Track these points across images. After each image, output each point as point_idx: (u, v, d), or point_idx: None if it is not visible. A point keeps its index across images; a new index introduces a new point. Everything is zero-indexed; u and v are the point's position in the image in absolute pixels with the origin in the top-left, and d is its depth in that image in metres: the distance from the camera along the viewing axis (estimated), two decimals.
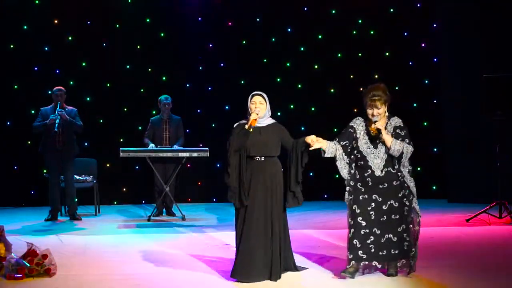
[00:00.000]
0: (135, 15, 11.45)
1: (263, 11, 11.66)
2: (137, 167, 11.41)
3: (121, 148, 9.66)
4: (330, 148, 5.97)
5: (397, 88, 11.78)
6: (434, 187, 11.82)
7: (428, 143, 11.75)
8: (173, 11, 11.49)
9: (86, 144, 11.20)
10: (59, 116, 9.42)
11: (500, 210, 9.17)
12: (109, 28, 11.41)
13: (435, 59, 11.67)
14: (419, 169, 11.81)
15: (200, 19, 11.59)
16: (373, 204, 5.93)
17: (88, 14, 11.34)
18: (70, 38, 11.36)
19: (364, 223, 5.92)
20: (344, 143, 6.00)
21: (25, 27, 11.25)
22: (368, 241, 5.91)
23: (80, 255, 7.25)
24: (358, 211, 5.93)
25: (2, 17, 11.12)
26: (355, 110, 10.51)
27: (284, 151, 6.06)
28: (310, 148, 5.90)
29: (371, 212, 5.93)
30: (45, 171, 10.57)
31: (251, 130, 5.84)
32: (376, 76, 11.68)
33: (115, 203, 11.51)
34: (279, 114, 11.29)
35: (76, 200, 10.00)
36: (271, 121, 6.06)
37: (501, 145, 9.28)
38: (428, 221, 9.44)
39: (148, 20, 11.55)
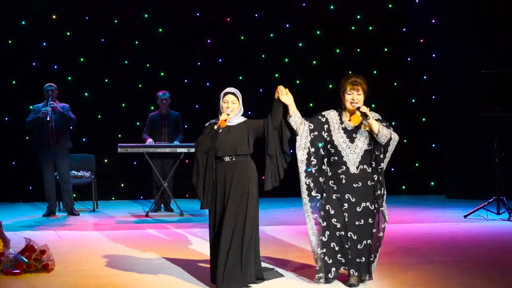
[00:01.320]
0: (133, 10, 11.43)
1: (262, 7, 11.64)
2: (135, 163, 11.40)
3: (119, 144, 9.65)
4: (296, 116, 5.58)
5: (395, 84, 11.82)
6: (432, 183, 11.83)
7: (426, 139, 11.77)
8: (171, 7, 11.47)
9: (84, 139, 11.20)
10: (51, 108, 9.39)
11: (498, 206, 9.17)
12: (107, 24, 11.39)
13: (433, 55, 11.67)
14: (417, 165, 11.85)
15: (198, 14, 11.57)
16: (346, 205, 5.56)
17: (86, 10, 11.32)
18: (68, 33, 11.35)
19: (339, 225, 5.56)
20: (309, 124, 5.62)
21: (23, 22, 11.23)
22: (346, 246, 5.56)
23: (78, 250, 7.24)
24: (332, 212, 5.56)
25: (0, 13, 11.10)
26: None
27: (260, 146, 5.74)
28: (280, 97, 5.55)
29: (345, 214, 5.55)
30: None
31: (220, 131, 5.56)
32: (375, 72, 11.70)
33: (113, 198, 11.51)
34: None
35: (74, 195, 9.99)
36: (242, 119, 5.76)
37: (499, 141, 9.28)
38: (426, 216, 9.46)
39: (146, 15, 11.53)
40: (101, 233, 8.38)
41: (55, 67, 11.29)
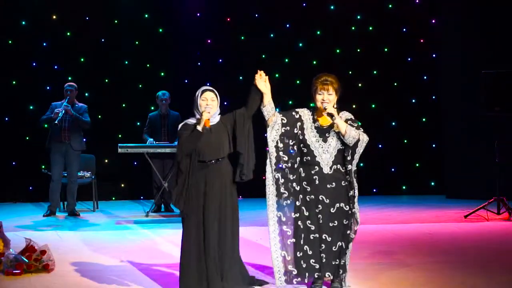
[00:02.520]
0: (134, 10, 11.43)
1: (262, 7, 11.64)
2: (135, 163, 11.40)
3: (119, 144, 9.65)
4: (270, 106, 5.45)
5: (395, 84, 11.82)
6: (433, 183, 11.82)
7: (426, 139, 11.76)
8: (172, 7, 11.47)
9: (84, 139, 11.18)
10: (63, 110, 9.44)
11: (498, 206, 9.16)
12: (108, 24, 11.39)
13: (434, 55, 11.67)
14: (417, 165, 11.85)
15: (198, 14, 11.57)
16: (320, 206, 5.40)
17: (87, 10, 11.31)
18: (68, 33, 11.34)
19: (313, 228, 5.41)
20: (282, 118, 5.49)
21: (23, 22, 11.22)
22: (320, 249, 5.40)
23: (78, 251, 7.25)
24: (306, 214, 5.42)
25: (0, 13, 11.09)
26: (354, 106, 10.52)
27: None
28: (257, 82, 5.39)
29: (319, 216, 5.40)
30: (43, 166, 10.58)
31: (204, 131, 5.35)
32: (375, 72, 11.70)
33: (113, 199, 11.50)
34: (277, 110, 11.29)
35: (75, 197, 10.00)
36: (219, 117, 5.55)
37: (499, 141, 9.28)
38: (426, 217, 9.46)
39: (146, 15, 11.53)
40: (101, 233, 8.38)
41: (56, 67, 11.29)
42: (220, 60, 11.65)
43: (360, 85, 11.58)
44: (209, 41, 11.63)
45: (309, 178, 5.46)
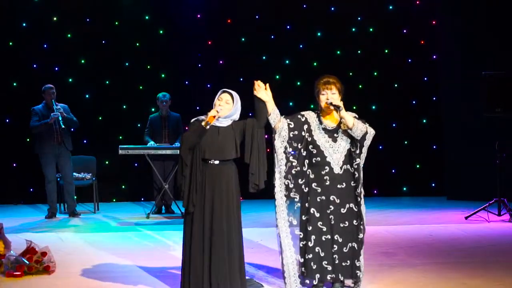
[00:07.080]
0: (134, 12, 11.43)
1: (262, 8, 11.64)
2: (136, 165, 11.40)
3: (120, 146, 9.65)
4: (275, 113, 5.42)
5: (396, 85, 11.82)
6: (433, 184, 11.81)
7: (427, 140, 11.76)
8: (172, 8, 11.48)
9: (85, 141, 11.20)
10: (59, 114, 9.44)
11: (499, 208, 9.17)
12: (108, 25, 11.39)
13: (434, 56, 11.67)
14: (418, 166, 11.85)
15: (199, 16, 11.58)
16: (331, 207, 5.39)
17: (87, 11, 11.32)
18: (69, 35, 11.34)
19: (325, 229, 5.39)
20: (289, 122, 5.48)
21: (24, 24, 11.23)
22: (333, 250, 5.38)
23: (79, 252, 7.25)
24: (317, 215, 5.40)
25: (1, 14, 11.10)
26: (354, 107, 10.52)
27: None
28: (255, 93, 5.40)
29: (330, 216, 5.39)
30: None
31: (207, 127, 5.31)
32: (376, 73, 11.70)
33: (114, 200, 11.50)
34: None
35: (75, 197, 9.99)
36: (231, 121, 5.51)
37: (500, 142, 9.28)
38: (427, 218, 9.46)
39: (147, 17, 11.53)
40: (102, 235, 8.39)
41: (56, 68, 11.29)
42: (221, 62, 11.65)
43: (360, 86, 11.57)
44: (209, 42, 11.63)
45: (319, 179, 5.45)
